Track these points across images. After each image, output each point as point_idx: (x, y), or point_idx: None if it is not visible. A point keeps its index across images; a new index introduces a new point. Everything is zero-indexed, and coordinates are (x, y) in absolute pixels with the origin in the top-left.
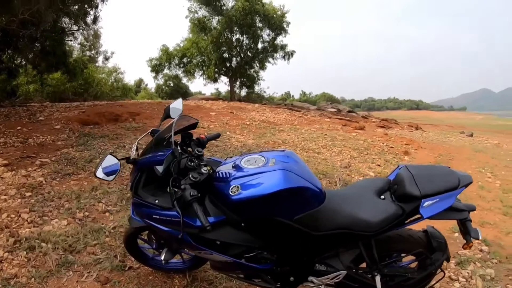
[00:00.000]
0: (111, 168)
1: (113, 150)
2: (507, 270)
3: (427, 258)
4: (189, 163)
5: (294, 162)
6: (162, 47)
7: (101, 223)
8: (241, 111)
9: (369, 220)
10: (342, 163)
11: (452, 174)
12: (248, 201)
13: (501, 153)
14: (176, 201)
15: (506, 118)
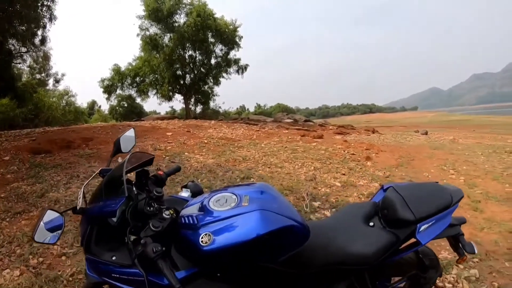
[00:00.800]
0: (53, 223)
1: (66, 182)
2: (490, 267)
3: (421, 278)
4: (148, 208)
5: (270, 196)
6: (114, 67)
7: (58, 270)
8: (198, 129)
9: (362, 253)
10: (306, 176)
11: (443, 191)
12: (222, 251)
13: (458, 148)
14: (137, 259)
15: (456, 113)
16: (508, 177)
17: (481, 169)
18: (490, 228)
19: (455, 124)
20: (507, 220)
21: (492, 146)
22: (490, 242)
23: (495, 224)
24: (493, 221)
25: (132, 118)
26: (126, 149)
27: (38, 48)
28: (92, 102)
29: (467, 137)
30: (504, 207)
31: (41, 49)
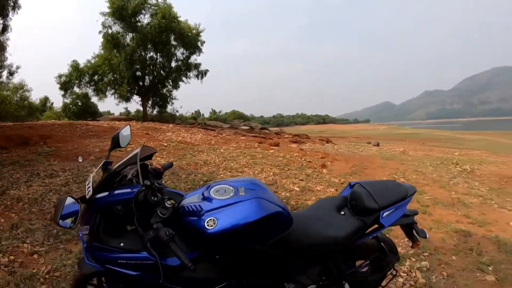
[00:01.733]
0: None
1: (27, 179)
2: (438, 260)
3: (382, 261)
4: (152, 198)
5: (262, 189)
6: (72, 63)
7: (32, 268)
8: (156, 132)
9: (336, 236)
10: (267, 181)
11: (400, 187)
12: (226, 233)
13: (408, 159)
14: (150, 243)
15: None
16: (454, 185)
17: (429, 178)
18: (438, 228)
19: (405, 137)
20: (453, 222)
21: (440, 158)
22: (438, 240)
23: (442, 225)
24: (441, 222)
25: (86, 117)
26: (123, 144)
27: None
28: (45, 99)
29: (416, 149)
30: (450, 211)
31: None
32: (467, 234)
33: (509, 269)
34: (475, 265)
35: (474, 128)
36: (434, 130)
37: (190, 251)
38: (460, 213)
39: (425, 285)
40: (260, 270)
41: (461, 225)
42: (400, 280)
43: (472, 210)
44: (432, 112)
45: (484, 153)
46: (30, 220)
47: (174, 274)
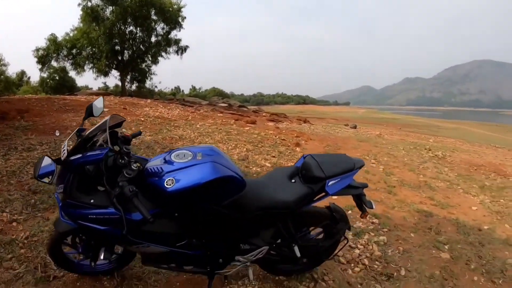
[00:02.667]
0: (47, 169)
1: (4, 153)
2: (397, 236)
3: (333, 228)
4: (120, 161)
5: (218, 154)
6: (50, 37)
7: (11, 235)
8: (134, 107)
9: (285, 200)
10: (239, 156)
11: (349, 160)
12: (183, 192)
13: (383, 142)
14: (115, 199)
15: (386, 111)
16: (423, 169)
17: (400, 161)
18: (401, 208)
19: (383, 121)
20: (416, 203)
21: (414, 143)
22: (399, 218)
23: (405, 205)
24: (404, 202)
25: (63, 92)
26: (97, 114)
27: None
28: (21, 73)
29: (392, 133)
30: (416, 192)
31: None
32: (429, 214)
33: (465, 249)
34: (432, 243)
35: (452, 117)
36: (412, 116)
37: (152, 208)
38: (425, 195)
39: (380, 258)
40: (217, 230)
41: (424, 206)
42: (357, 251)
43: (437, 193)
44: (412, 99)
45: (459, 142)
46: (8, 191)
47: (138, 228)
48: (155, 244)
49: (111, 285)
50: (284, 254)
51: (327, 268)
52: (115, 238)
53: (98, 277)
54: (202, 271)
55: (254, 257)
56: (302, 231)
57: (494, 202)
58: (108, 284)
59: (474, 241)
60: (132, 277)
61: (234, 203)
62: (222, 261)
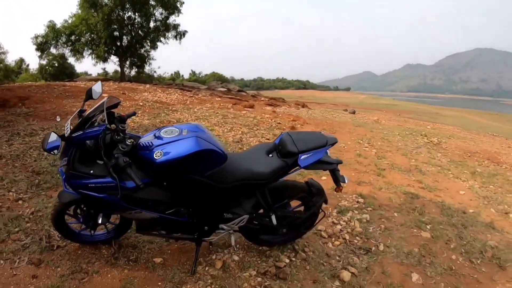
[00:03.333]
0: (53, 143)
1: (8, 139)
2: (380, 215)
3: (310, 201)
4: (116, 137)
5: (202, 131)
6: (49, 23)
7: (18, 211)
8: (133, 92)
9: (262, 172)
10: (234, 139)
11: (322, 137)
12: (170, 163)
13: (379, 128)
14: (111, 169)
15: (386, 97)
16: (416, 154)
17: (394, 146)
18: (388, 189)
19: (383, 107)
20: (404, 185)
21: (410, 129)
22: (385, 198)
23: (393, 187)
24: (392, 184)
25: (63, 79)
26: (96, 97)
27: None
28: (20, 60)
29: (391, 119)
30: (405, 175)
31: None
32: (415, 196)
33: (446, 230)
34: (414, 222)
35: (452, 104)
36: (413, 103)
37: (144, 178)
38: (414, 178)
39: (361, 234)
40: (202, 199)
41: (411, 188)
42: (338, 227)
43: (426, 177)
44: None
45: (456, 129)
46: (14, 173)
47: (131, 195)
48: (147, 210)
49: (108, 253)
50: (263, 223)
51: (309, 241)
52: (112, 204)
53: (97, 246)
54: (189, 238)
55: (236, 225)
56: (280, 203)
57: (483, 187)
58: (106, 252)
59: (457, 223)
60: (127, 246)
61: (215, 174)
62: (208, 229)
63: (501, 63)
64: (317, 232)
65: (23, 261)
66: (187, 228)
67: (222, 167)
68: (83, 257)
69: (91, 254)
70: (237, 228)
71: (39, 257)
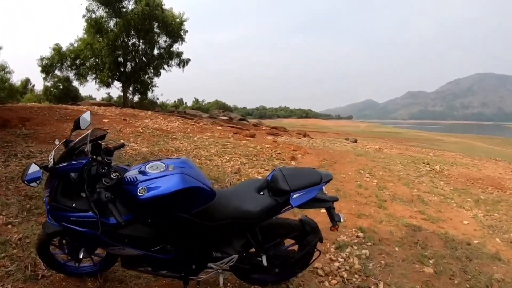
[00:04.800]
0: (34, 175)
1: (4, 160)
2: (380, 250)
3: (304, 240)
4: (101, 170)
5: (189, 167)
6: (55, 46)
7: (6, 236)
8: (134, 118)
9: (251, 211)
10: (232, 169)
11: (316, 173)
12: (153, 200)
13: (381, 157)
14: (93, 203)
15: (388, 126)
16: (418, 183)
17: (395, 175)
18: (389, 222)
19: (385, 136)
20: (406, 217)
21: (412, 157)
22: (385, 232)
23: (394, 219)
24: (393, 216)
25: (67, 101)
26: (83, 127)
27: None
28: (26, 81)
29: (392, 147)
30: (407, 206)
31: None
32: (417, 228)
33: (450, 264)
34: (416, 257)
35: (454, 130)
36: (415, 130)
37: (128, 214)
38: (416, 209)
39: (360, 271)
40: (189, 237)
41: (413, 220)
42: (336, 264)
43: (429, 208)
44: (415, 113)
45: (459, 155)
46: (6, 195)
47: (114, 232)
48: (130, 247)
49: (94, 286)
50: (254, 263)
51: (304, 279)
52: (94, 239)
53: (83, 278)
54: (176, 276)
55: (225, 265)
56: (272, 242)
57: (487, 216)
58: (91, 285)
59: (461, 256)
60: (114, 280)
61: (202, 212)
62: (195, 267)
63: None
64: (313, 269)
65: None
66: (173, 266)
67: (210, 205)
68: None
69: (75, 286)
70: (226, 267)
71: (23, 285)
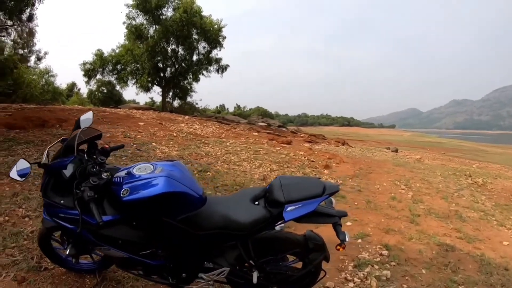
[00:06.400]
0: (24, 171)
1: (37, 157)
2: (404, 271)
3: (305, 257)
4: (91, 169)
5: (179, 171)
6: (97, 52)
7: (20, 227)
8: (170, 122)
9: (240, 222)
10: (260, 176)
11: (318, 184)
12: (135, 202)
13: (420, 167)
14: (77, 201)
15: (432, 135)
16: (457, 197)
17: (433, 188)
18: (419, 239)
19: (428, 145)
20: (440, 235)
21: (454, 169)
22: (413, 251)
23: (426, 236)
24: (425, 233)
25: (110, 105)
26: (84, 126)
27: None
28: (72, 84)
29: (434, 158)
30: (442, 223)
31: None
32: (450, 248)
33: None
34: (444, 282)
35: (500, 141)
36: (459, 140)
37: (114, 214)
38: (452, 226)
39: None
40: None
41: (447, 238)
42: (350, 285)
43: (466, 225)
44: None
45: (504, 168)
46: (30, 190)
47: (98, 231)
48: (115, 248)
49: (91, 284)
50: (247, 278)
51: None
52: (81, 237)
53: (82, 275)
54: (166, 283)
55: (216, 277)
56: (268, 257)
57: None
58: (89, 282)
59: (496, 283)
60: (112, 279)
61: (190, 218)
62: (185, 276)
63: None
64: None
65: (9, 276)
66: (164, 273)
67: (198, 212)
68: (66, 283)
69: (74, 281)
70: (218, 279)
71: (25, 275)
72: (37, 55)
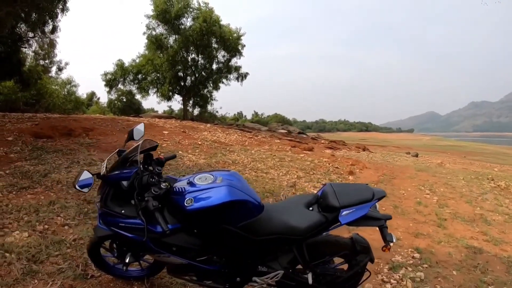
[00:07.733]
0: (86, 181)
1: (67, 166)
2: (437, 273)
3: (353, 259)
4: (151, 180)
5: (237, 180)
6: (118, 62)
7: (62, 236)
8: (193, 130)
9: (298, 227)
10: (288, 183)
11: (368, 190)
12: (199, 211)
13: (442, 172)
14: (141, 211)
15: (451, 139)
16: (481, 201)
17: (457, 192)
18: (448, 242)
19: (448, 149)
20: (467, 238)
21: (476, 172)
22: (444, 254)
23: (454, 240)
24: (453, 237)
25: (130, 114)
26: (137, 138)
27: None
28: (91, 94)
29: (455, 162)
30: (468, 226)
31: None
32: (478, 251)
33: None
34: (475, 283)
35: None
36: (479, 143)
37: (175, 223)
38: (478, 229)
39: None
40: (233, 249)
41: (474, 241)
42: (388, 286)
43: (492, 228)
44: (479, 125)
45: None
46: (66, 199)
47: (160, 239)
48: (175, 255)
49: None
50: (299, 280)
51: None
52: (140, 245)
53: (130, 282)
54: (219, 287)
55: (270, 280)
56: (320, 259)
57: None
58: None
59: None
60: (160, 286)
61: (249, 225)
62: (240, 280)
63: None
64: None
65: (56, 284)
66: (218, 277)
67: (257, 219)
68: None
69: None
70: (272, 282)
71: (72, 283)
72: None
